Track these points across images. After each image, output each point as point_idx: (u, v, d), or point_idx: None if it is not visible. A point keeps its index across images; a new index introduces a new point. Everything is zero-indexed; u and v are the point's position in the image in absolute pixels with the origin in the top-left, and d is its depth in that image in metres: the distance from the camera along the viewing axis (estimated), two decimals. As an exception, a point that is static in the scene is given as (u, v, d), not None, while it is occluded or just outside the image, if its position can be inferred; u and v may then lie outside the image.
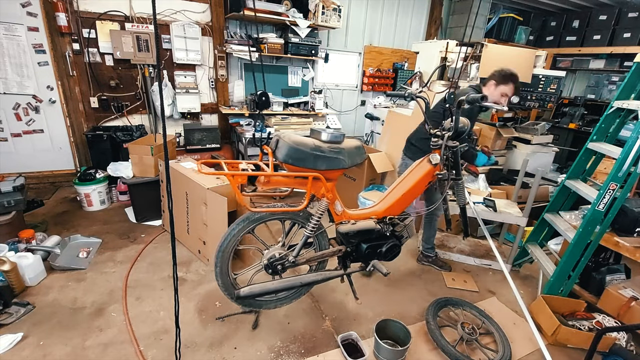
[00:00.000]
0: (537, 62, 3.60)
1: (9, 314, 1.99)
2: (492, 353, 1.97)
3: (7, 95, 3.45)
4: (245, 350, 1.88)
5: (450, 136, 1.93)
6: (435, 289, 2.56)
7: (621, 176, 2.03)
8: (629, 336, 2.05)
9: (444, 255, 2.99)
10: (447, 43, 3.46)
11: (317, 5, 4.10)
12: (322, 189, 1.81)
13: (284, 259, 1.85)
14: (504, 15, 5.67)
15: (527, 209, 2.64)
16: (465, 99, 1.83)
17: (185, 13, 3.89)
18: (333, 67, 5.13)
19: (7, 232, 2.53)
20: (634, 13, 5.00)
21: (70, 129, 3.78)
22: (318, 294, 2.38)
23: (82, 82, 3.67)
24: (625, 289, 2.24)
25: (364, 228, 1.93)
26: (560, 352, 2.05)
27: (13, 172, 3.35)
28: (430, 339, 2.03)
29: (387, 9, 5.24)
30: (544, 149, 3.85)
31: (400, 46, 5.55)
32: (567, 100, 6.12)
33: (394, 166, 3.48)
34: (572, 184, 2.45)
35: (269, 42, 4.13)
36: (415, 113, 3.41)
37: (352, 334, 1.97)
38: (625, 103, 2.15)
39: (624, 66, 5.41)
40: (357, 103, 5.53)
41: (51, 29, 3.39)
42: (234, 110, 4.22)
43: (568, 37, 5.87)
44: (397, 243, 2.04)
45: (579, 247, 2.21)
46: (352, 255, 2.01)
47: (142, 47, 3.63)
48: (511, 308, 2.41)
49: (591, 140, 2.38)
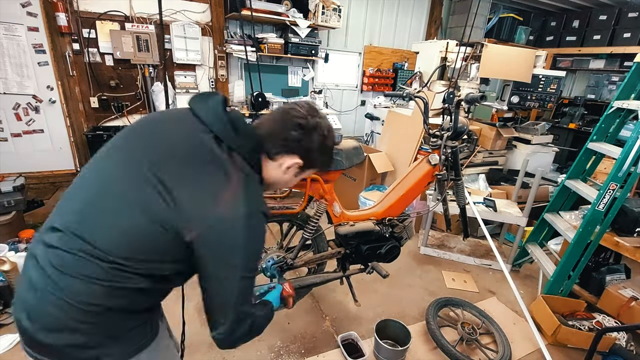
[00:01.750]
0: (537, 62, 3.60)
1: (9, 314, 1.99)
2: (492, 353, 1.97)
3: (7, 95, 3.45)
4: (245, 350, 1.88)
5: (450, 136, 1.92)
6: (435, 289, 2.56)
7: (621, 176, 2.03)
8: (629, 336, 2.05)
9: (444, 255, 2.99)
10: (447, 43, 3.46)
11: (317, 5, 4.10)
12: (320, 191, 1.80)
13: (282, 261, 1.84)
14: (504, 15, 5.66)
15: (527, 209, 2.64)
16: (464, 98, 1.83)
17: (185, 13, 3.89)
18: (333, 67, 5.13)
19: (7, 232, 2.53)
20: (634, 13, 4.99)
21: (70, 129, 3.77)
22: (318, 294, 2.38)
23: (82, 82, 3.67)
24: (625, 289, 2.24)
25: (363, 229, 1.92)
26: (560, 352, 2.05)
27: (13, 172, 3.34)
28: (430, 339, 2.03)
29: (387, 9, 5.23)
30: (544, 149, 3.85)
31: (400, 46, 5.55)
32: (567, 100, 6.12)
33: (394, 166, 3.48)
34: (572, 184, 2.45)
35: (269, 42, 4.13)
36: (415, 113, 3.41)
37: (352, 334, 1.97)
38: (625, 103, 2.15)
39: (624, 66, 5.40)
40: (357, 103, 5.53)
41: (51, 29, 3.39)
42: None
43: (568, 37, 5.87)
44: (397, 244, 2.03)
45: (579, 247, 2.21)
46: (351, 257, 2.00)
47: (142, 47, 3.63)
48: (511, 308, 2.41)
49: (591, 140, 2.38)
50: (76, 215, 0.79)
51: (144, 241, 0.75)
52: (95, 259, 0.74)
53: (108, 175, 0.81)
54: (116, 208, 0.76)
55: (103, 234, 0.75)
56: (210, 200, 0.76)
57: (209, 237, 0.76)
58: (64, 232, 0.77)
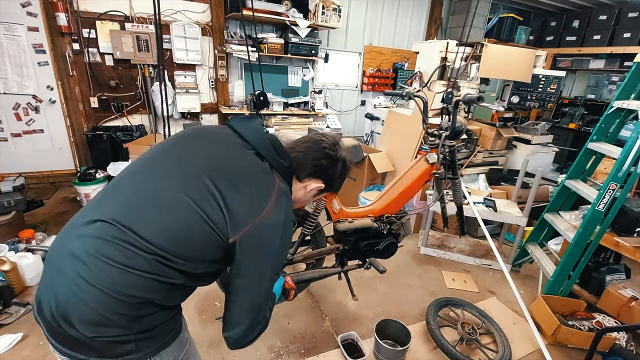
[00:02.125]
0: (537, 62, 3.60)
1: (9, 314, 1.99)
2: (492, 353, 1.97)
3: (7, 95, 3.45)
4: (245, 350, 1.87)
5: (448, 135, 1.94)
6: (435, 289, 2.56)
7: (621, 176, 2.03)
8: (629, 336, 2.05)
9: (444, 255, 2.99)
10: (447, 43, 3.46)
11: (317, 5, 4.10)
12: (320, 188, 1.81)
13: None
14: (504, 15, 5.67)
15: (527, 209, 2.64)
16: (462, 98, 1.85)
17: (185, 13, 3.89)
18: (333, 67, 5.13)
19: (7, 232, 2.52)
20: (634, 13, 4.99)
21: (70, 129, 3.77)
22: (318, 294, 2.38)
23: (82, 82, 3.67)
24: (625, 289, 2.24)
25: (361, 226, 1.94)
26: (560, 352, 2.05)
27: (13, 172, 3.35)
28: (430, 339, 2.03)
29: (387, 9, 5.23)
30: (544, 149, 3.85)
31: (400, 46, 5.55)
32: (567, 100, 6.12)
33: (394, 166, 3.48)
34: (572, 184, 2.45)
35: (269, 42, 4.13)
36: (415, 113, 3.41)
37: (352, 334, 1.97)
38: (625, 103, 2.15)
39: (624, 66, 5.40)
40: (357, 103, 5.53)
41: (51, 29, 3.39)
42: (234, 110, 4.22)
43: (568, 37, 5.87)
44: (394, 241, 2.05)
45: (579, 247, 2.21)
46: (349, 253, 2.02)
47: (142, 47, 3.63)
48: (511, 308, 2.41)
49: (591, 140, 2.38)
50: (123, 208, 0.81)
51: (192, 239, 0.80)
52: (139, 250, 0.76)
53: (164, 175, 0.85)
54: (172, 205, 0.81)
55: (152, 227, 0.78)
56: (259, 207, 0.84)
57: (252, 240, 0.83)
58: (108, 223, 0.78)
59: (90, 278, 0.74)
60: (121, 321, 0.76)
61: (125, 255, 0.75)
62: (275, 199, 0.87)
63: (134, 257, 0.75)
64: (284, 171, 0.96)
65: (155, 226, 0.78)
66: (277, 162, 0.94)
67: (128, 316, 0.76)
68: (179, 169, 0.86)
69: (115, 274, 0.75)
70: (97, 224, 0.78)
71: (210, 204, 0.80)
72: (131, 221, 0.78)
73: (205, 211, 0.80)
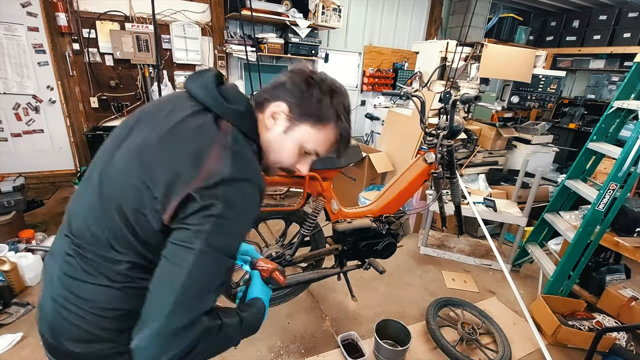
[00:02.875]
0: (537, 62, 3.60)
1: (9, 314, 1.99)
2: (492, 353, 1.97)
3: (7, 95, 3.45)
4: (245, 350, 1.88)
5: (446, 135, 1.94)
6: (435, 289, 2.56)
7: (621, 176, 2.03)
8: (629, 336, 2.05)
9: (444, 255, 2.99)
10: (447, 43, 3.46)
11: (317, 5, 4.10)
12: (319, 188, 1.82)
13: (281, 257, 1.86)
14: (504, 15, 5.66)
15: (527, 209, 2.64)
16: (460, 98, 1.85)
17: (185, 13, 3.89)
18: (333, 67, 5.13)
19: (7, 232, 2.52)
20: (634, 13, 4.99)
21: (70, 129, 3.77)
22: (318, 295, 2.38)
23: (82, 82, 3.67)
24: (625, 289, 2.24)
25: (360, 226, 1.94)
26: (560, 352, 2.05)
27: (13, 172, 3.34)
28: (430, 339, 2.03)
29: (387, 9, 5.23)
30: (544, 149, 3.85)
31: (400, 46, 5.55)
32: (567, 100, 6.12)
33: (394, 166, 3.48)
34: (572, 184, 2.45)
35: (269, 42, 4.13)
36: (415, 113, 3.41)
37: (352, 334, 1.97)
38: (625, 103, 2.15)
39: (624, 66, 5.40)
40: (357, 103, 5.53)
41: (51, 29, 3.39)
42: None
43: (568, 37, 5.87)
44: (393, 241, 2.05)
45: (579, 247, 2.21)
46: (348, 253, 2.02)
47: (142, 47, 3.63)
48: (511, 308, 2.41)
49: (591, 140, 2.38)
50: (70, 218, 0.80)
51: (127, 232, 0.71)
52: (104, 260, 0.73)
53: (90, 192, 0.78)
54: (92, 201, 0.76)
55: (94, 232, 0.73)
56: (189, 169, 0.68)
57: (184, 209, 0.67)
58: (68, 237, 0.77)
59: (66, 299, 0.74)
60: (109, 335, 0.74)
61: (87, 270, 0.73)
62: (216, 153, 0.69)
63: (97, 268, 0.73)
64: (238, 117, 0.77)
65: (99, 230, 0.73)
66: (226, 110, 0.76)
67: (115, 330, 0.75)
68: (98, 196, 0.75)
69: (87, 291, 0.73)
70: (65, 239, 0.78)
71: (138, 188, 0.69)
72: (78, 231, 0.75)
73: (136, 198, 0.69)
